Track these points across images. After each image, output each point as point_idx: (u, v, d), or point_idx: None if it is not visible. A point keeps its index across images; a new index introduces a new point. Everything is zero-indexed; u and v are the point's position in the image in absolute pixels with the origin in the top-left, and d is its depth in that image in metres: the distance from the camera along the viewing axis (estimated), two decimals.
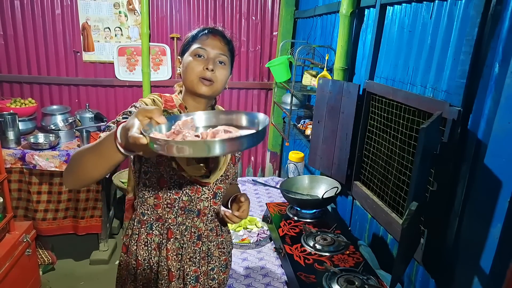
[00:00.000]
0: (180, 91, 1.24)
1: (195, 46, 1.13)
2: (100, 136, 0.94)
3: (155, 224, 1.20)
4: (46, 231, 2.87)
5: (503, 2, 1.04)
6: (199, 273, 1.25)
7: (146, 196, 1.18)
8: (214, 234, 1.29)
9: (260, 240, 1.84)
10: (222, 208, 1.33)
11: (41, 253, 2.86)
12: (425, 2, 1.41)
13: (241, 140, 0.77)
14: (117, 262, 2.99)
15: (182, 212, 1.19)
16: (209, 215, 1.25)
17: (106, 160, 0.89)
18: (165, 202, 1.17)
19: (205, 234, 1.25)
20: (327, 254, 1.58)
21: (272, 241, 1.85)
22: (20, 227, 2.35)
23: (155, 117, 0.83)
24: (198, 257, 1.25)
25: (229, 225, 1.93)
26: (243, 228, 1.93)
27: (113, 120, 1.05)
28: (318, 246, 1.62)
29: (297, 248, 1.62)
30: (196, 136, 0.84)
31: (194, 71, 1.11)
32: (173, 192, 1.16)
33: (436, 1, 1.33)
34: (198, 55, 1.12)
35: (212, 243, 1.28)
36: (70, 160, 0.96)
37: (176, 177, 1.14)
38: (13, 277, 2.18)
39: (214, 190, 1.22)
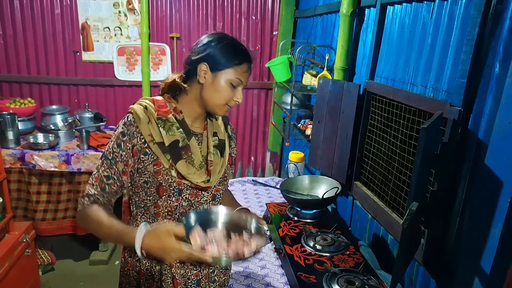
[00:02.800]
0: (170, 86, 1.17)
1: (235, 74, 1.10)
2: (111, 225, 1.04)
3: None
4: (45, 231, 2.87)
5: (503, 2, 1.04)
6: (200, 276, 1.24)
7: (148, 205, 1.16)
8: None
9: None
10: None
11: (40, 253, 2.85)
12: (425, 2, 1.41)
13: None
14: (117, 263, 3.00)
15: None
16: None
17: (119, 244, 1.03)
18: (165, 210, 1.16)
19: None
20: (327, 254, 1.58)
21: (272, 242, 1.85)
22: (20, 227, 2.35)
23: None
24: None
25: None
26: None
27: (108, 150, 1.11)
28: (318, 247, 1.62)
29: (297, 249, 1.62)
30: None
31: (224, 99, 1.12)
32: (173, 200, 1.15)
33: (437, 0, 1.33)
34: (233, 85, 1.12)
35: None
36: (86, 218, 1.08)
37: (176, 184, 1.13)
38: (13, 277, 2.18)
39: (213, 192, 1.22)
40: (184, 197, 1.16)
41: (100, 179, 1.11)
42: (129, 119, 1.10)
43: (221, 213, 1.15)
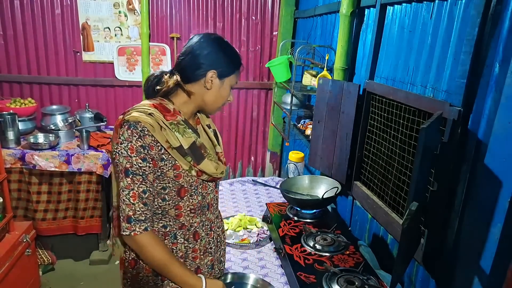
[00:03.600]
0: (167, 91, 1.17)
1: (235, 79, 1.20)
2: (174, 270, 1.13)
3: (178, 232, 1.20)
4: (46, 231, 2.87)
5: (503, 2, 1.04)
6: (214, 261, 1.31)
7: (166, 209, 1.16)
8: (220, 220, 1.37)
9: (260, 240, 1.84)
10: None
11: (41, 253, 2.86)
12: (425, 2, 1.41)
13: None
14: (117, 263, 3.00)
15: (200, 212, 1.23)
16: (215, 204, 1.31)
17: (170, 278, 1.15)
18: (188, 210, 1.19)
19: (215, 223, 1.31)
20: (327, 254, 1.58)
21: (272, 241, 1.85)
22: (20, 227, 2.35)
23: None
24: (213, 247, 1.30)
25: (229, 225, 1.92)
26: (243, 228, 1.93)
27: (134, 166, 1.06)
28: (318, 246, 1.62)
29: (297, 248, 1.62)
30: None
31: (224, 100, 1.21)
32: (194, 198, 1.19)
33: (436, 1, 1.33)
34: (231, 88, 1.21)
35: (219, 229, 1.35)
36: (144, 250, 1.10)
37: (195, 182, 1.17)
38: (13, 277, 2.18)
39: (215, 181, 1.28)
40: (198, 192, 1.20)
41: (139, 196, 1.07)
42: (138, 129, 1.05)
43: (250, 278, 1.45)
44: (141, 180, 1.07)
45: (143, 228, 1.08)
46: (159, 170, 1.11)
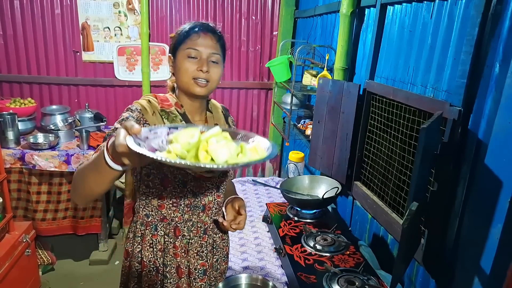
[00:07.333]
0: (173, 88, 1.25)
1: (187, 46, 1.12)
2: (98, 148, 0.93)
3: (159, 224, 1.21)
4: (45, 231, 2.87)
5: (503, 2, 1.04)
6: (206, 266, 1.28)
7: (150, 198, 1.18)
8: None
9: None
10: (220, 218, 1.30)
11: (40, 253, 2.86)
12: (425, 2, 1.41)
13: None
14: (117, 263, 3.00)
15: (188, 209, 1.21)
16: (214, 209, 1.27)
17: (104, 176, 0.86)
18: (170, 202, 1.18)
19: (210, 227, 1.28)
20: (327, 254, 1.58)
21: (272, 241, 1.85)
22: (20, 227, 2.35)
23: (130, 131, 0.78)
24: (205, 251, 1.27)
25: None
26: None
27: (111, 128, 1.08)
28: (318, 247, 1.62)
29: (298, 249, 1.62)
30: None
31: (188, 73, 1.12)
32: (178, 191, 1.17)
33: (437, 1, 1.33)
34: (190, 56, 1.12)
35: (217, 235, 1.31)
36: (73, 178, 0.96)
37: (181, 175, 1.15)
38: (13, 277, 2.18)
39: (217, 184, 1.25)
40: (189, 189, 1.18)
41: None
42: (134, 108, 1.12)
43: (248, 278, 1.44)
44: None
45: None
46: None
